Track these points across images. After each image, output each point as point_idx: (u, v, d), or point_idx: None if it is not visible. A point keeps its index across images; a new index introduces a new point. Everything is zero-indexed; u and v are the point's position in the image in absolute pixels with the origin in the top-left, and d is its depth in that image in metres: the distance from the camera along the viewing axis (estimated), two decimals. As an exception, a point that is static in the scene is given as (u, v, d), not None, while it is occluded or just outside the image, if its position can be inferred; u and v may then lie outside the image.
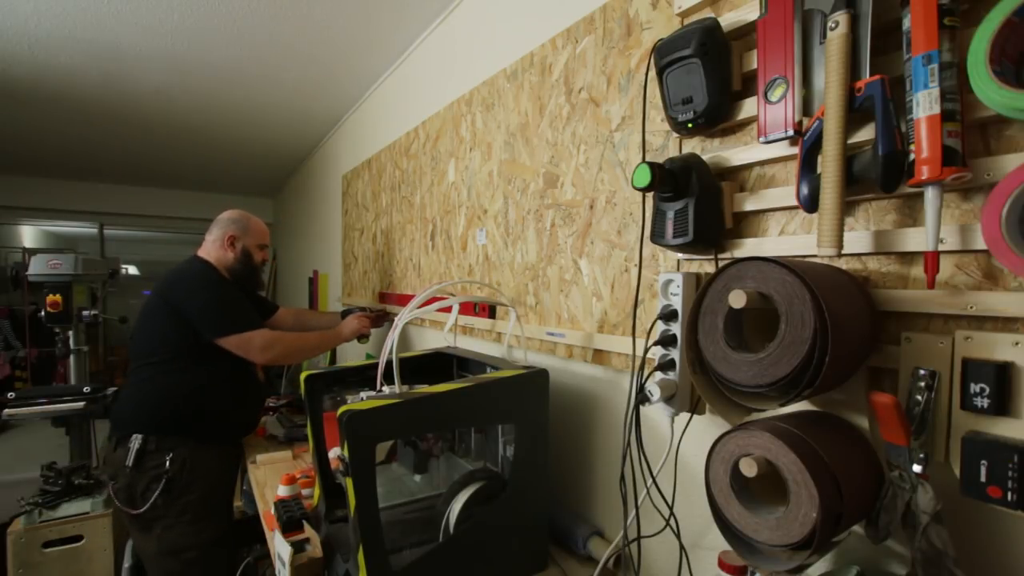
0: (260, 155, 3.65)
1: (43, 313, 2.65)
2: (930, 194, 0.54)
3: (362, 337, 1.92)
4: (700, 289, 0.65)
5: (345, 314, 1.96)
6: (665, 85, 0.81)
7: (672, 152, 0.88)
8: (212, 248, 1.70)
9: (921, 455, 0.56)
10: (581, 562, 1.02)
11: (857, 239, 0.64)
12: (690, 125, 0.78)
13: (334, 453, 1.12)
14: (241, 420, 1.68)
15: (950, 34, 0.52)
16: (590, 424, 1.09)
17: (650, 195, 0.87)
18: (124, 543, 1.95)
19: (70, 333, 2.73)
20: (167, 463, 1.47)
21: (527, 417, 0.94)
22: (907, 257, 0.61)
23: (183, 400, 1.51)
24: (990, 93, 0.49)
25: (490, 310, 1.42)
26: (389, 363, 0.95)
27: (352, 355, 2.66)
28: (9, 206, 4.38)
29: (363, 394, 0.96)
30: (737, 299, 0.57)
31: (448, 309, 1.31)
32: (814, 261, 0.67)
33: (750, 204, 0.75)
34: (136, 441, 1.47)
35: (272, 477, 1.53)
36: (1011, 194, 0.49)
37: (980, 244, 0.54)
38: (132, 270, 6.56)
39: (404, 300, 2.32)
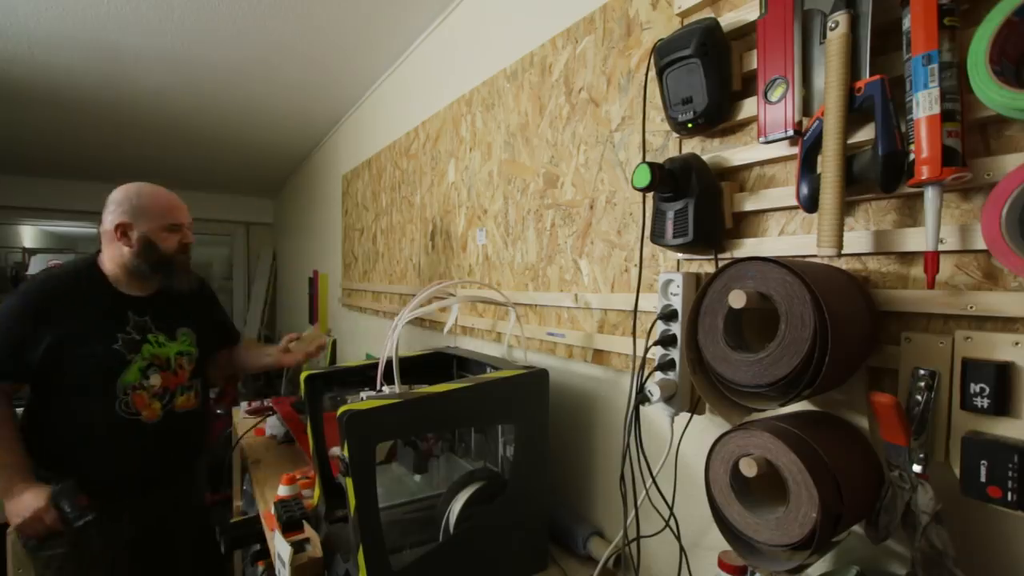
0: (260, 155, 3.65)
1: (43, 313, 2.64)
2: (930, 194, 0.54)
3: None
4: (700, 289, 0.65)
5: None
6: (665, 85, 0.81)
7: (672, 152, 0.88)
8: (105, 246, 1.36)
9: (921, 455, 0.56)
10: (581, 562, 1.02)
11: (857, 239, 0.64)
12: (690, 125, 0.78)
13: (334, 453, 1.12)
14: None
15: (950, 34, 0.52)
16: (590, 424, 1.09)
17: (650, 195, 0.87)
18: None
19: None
20: None
21: (527, 417, 0.94)
22: (907, 257, 0.61)
23: None
24: (990, 93, 0.49)
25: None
26: (389, 363, 0.95)
27: (352, 355, 2.66)
28: (9, 206, 4.38)
29: (363, 394, 0.96)
30: (737, 299, 0.57)
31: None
32: (814, 261, 0.67)
33: (750, 204, 0.75)
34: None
35: (272, 477, 1.53)
36: (1011, 194, 0.49)
37: (980, 244, 0.54)
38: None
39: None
